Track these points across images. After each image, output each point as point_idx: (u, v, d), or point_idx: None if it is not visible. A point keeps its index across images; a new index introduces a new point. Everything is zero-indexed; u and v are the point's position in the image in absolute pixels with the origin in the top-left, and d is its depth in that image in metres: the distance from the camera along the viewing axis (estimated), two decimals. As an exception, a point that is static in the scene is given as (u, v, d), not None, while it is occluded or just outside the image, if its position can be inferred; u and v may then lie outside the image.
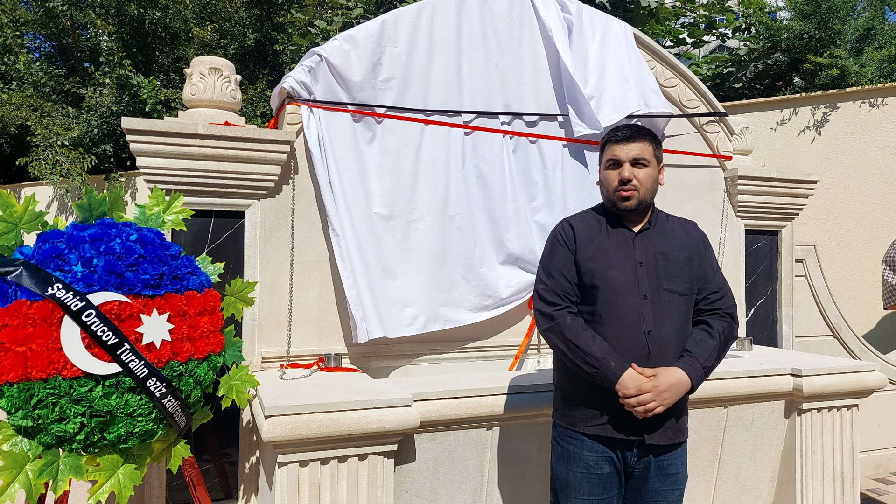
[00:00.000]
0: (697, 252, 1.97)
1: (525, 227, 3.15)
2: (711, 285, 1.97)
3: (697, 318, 1.95)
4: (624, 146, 1.91)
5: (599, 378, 1.79)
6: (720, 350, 1.90)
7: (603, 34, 3.35)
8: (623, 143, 1.92)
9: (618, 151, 1.92)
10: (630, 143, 1.91)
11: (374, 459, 2.11)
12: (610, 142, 1.96)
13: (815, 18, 6.37)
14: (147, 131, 2.49)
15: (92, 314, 1.78)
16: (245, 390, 2.22)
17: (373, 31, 2.87)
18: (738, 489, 2.81)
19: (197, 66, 2.77)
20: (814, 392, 2.74)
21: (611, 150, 1.95)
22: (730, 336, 1.94)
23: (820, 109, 5.76)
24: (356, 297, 2.77)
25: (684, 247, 1.96)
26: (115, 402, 1.83)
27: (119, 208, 2.04)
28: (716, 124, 3.65)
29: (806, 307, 4.11)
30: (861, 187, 5.60)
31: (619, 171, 1.91)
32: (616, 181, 1.92)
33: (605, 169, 1.96)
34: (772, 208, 3.74)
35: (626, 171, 1.90)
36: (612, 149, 1.95)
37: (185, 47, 8.88)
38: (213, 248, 2.69)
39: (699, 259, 1.96)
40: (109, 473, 1.89)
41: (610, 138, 1.97)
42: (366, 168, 2.90)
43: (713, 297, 1.96)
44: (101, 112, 7.59)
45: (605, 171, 1.96)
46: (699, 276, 1.95)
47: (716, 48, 17.26)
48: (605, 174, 1.97)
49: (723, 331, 1.92)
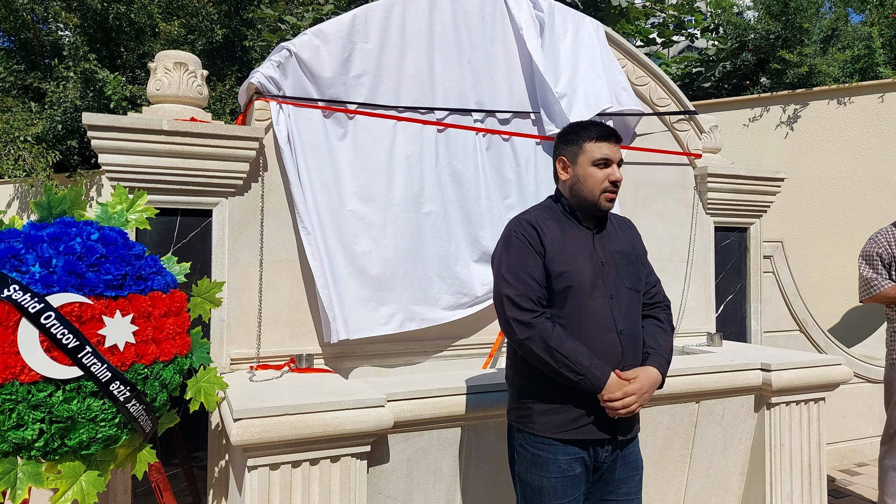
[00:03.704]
0: (641, 249, 2.06)
1: (499, 224, 3.14)
2: (651, 279, 2.06)
3: (644, 311, 2.01)
4: (613, 146, 1.89)
5: (584, 385, 1.78)
6: (671, 340, 2.00)
7: (575, 32, 3.35)
8: (613, 142, 1.89)
9: (608, 151, 1.88)
10: (617, 144, 1.90)
11: (346, 461, 2.08)
12: (598, 138, 1.88)
13: (783, 18, 6.49)
14: (109, 127, 2.41)
15: (51, 316, 1.71)
16: (214, 393, 2.17)
17: (343, 26, 2.83)
18: (710, 483, 2.85)
19: (162, 61, 2.69)
20: (782, 386, 2.78)
21: (599, 148, 1.88)
22: (673, 326, 2.06)
23: (790, 107, 5.87)
24: (328, 297, 2.73)
25: (632, 244, 2.02)
26: (76, 407, 1.76)
27: (80, 206, 1.97)
28: (686, 123, 3.69)
29: (774, 302, 4.19)
30: (826, 184, 5.73)
31: (611, 172, 1.88)
32: (607, 182, 1.88)
33: (593, 166, 1.88)
34: (740, 205, 3.80)
35: (618, 172, 1.89)
36: (601, 147, 1.88)
37: (151, 43, 8.68)
38: (180, 247, 2.62)
39: (643, 255, 2.05)
40: (71, 481, 1.83)
41: (597, 134, 1.89)
42: (338, 165, 2.86)
43: (653, 291, 2.05)
44: (65, 107, 7.38)
45: (593, 168, 1.88)
46: (644, 272, 2.02)
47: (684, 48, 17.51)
48: (591, 172, 1.88)
49: (669, 322, 2.04)
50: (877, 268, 3.26)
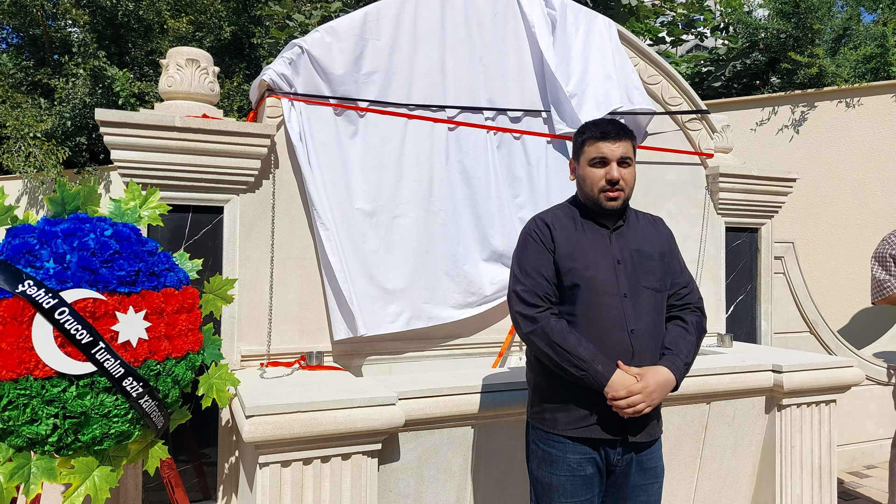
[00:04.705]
0: (668, 248, 1.99)
1: (509, 223, 3.13)
2: (681, 280, 1.99)
3: (669, 313, 1.97)
4: (612, 144, 1.85)
5: (587, 381, 1.76)
6: (696, 345, 1.93)
7: (587, 30, 3.34)
8: (611, 140, 1.85)
9: (605, 149, 1.85)
10: (618, 142, 1.85)
11: (357, 459, 2.08)
12: (594, 138, 1.87)
13: (793, 18, 6.44)
14: (122, 123, 2.42)
15: (65, 312, 1.71)
16: (226, 389, 2.17)
17: (355, 23, 2.83)
18: (720, 484, 2.83)
19: (173, 58, 2.69)
20: (794, 388, 2.77)
21: (596, 147, 1.86)
22: (702, 329, 1.97)
23: (798, 108, 5.83)
24: (349, 291, 2.72)
25: (656, 243, 1.97)
26: (89, 402, 1.77)
27: (93, 202, 1.97)
28: (698, 122, 3.67)
29: (784, 304, 4.16)
30: (836, 186, 5.69)
31: (608, 171, 1.85)
32: (603, 181, 1.86)
33: (590, 166, 1.88)
34: (752, 206, 3.78)
35: (615, 171, 1.84)
36: (597, 146, 1.86)
37: (160, 40, 8.71)
38: (191, 244, 2.62)
39: (670, 255, 1.99)
40: (84, 476, 1.83)
41: (594, 134, 1.87)
42: (348, 162, 2.85)
43: (683, 293, 1.99)
44: (74, 104, 7.41)
45: (590, 168, 1.88)
46: (670, 271, 1.97)
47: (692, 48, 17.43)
48: (588, 171, 1.89)
49: (696, 325, 1.95)
50: (890, 269, 3.23)
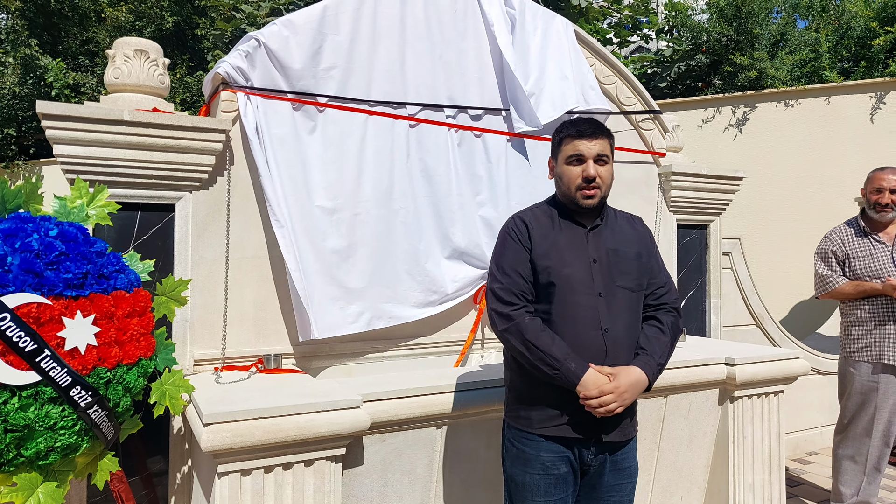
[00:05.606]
0: (646, 248, 1.99)
1: (470, 221, 3.12)
2: (658, 280, 1.99)
3: (646, 312, 1.97)
4: (588, 142, 1.86)
5: (559, 380, 1.76)
6: (671, 345, 1.93)
7: (545, 30, 3.35)
8: (587, 138, 1.86)
9: (582, 147, 1.86)
10: (594, 140, 1.86)
11: (321, 465, 2.02)
12: (571, 136, 1.88)
13: (734, 22, 6.67)
14: (66, 117, 2.27)
15: (6, 318, 1.60)
16: (179, 396, 2.07)
17: (313, 17, 2.75)
18: (676, 476, 2.90)
19: (121, 48, 2.55)
20: (746, 380, 2.86)
21: (573, 144, 1.87)
22: (678, 330, 1.98)
23: (740, 109, 6.05)
24: (304, 292, 2.65)
25: (634, 243, 1.97)
26: (33, 414, 1.65)
27: (36, 201, 1.84)
28: (651, 122, 3.74)
29: (732, 298, 4.30)
30: (776, 183, 5.93)
31: (584, 169, 1.86)
32: (580, 179, 1.86)
33: (567, 164, 1.89)
34: (702, 203, 3.88)
35: (591, 168, 1.85)
36: (574, 143, 1.87)
37: (96, 29, 8.31)
38: (140, 243, 2.49)
39: (647, 255, 1.98)
40: (27, 493, 1.71)
41: (571, 133, 1.88)
42: (307, 159, 2.77)
43: (660, 292, 1.99)
44: (2, 94, 6.99)
45: (567, 166, 1.89)
46: (647, 271, 1.97)
47: (636, 49, 17.86)
48: (565, 169, 1.89)
49: (671, 325, 1.95)
50: (831, 265, 3.38)
